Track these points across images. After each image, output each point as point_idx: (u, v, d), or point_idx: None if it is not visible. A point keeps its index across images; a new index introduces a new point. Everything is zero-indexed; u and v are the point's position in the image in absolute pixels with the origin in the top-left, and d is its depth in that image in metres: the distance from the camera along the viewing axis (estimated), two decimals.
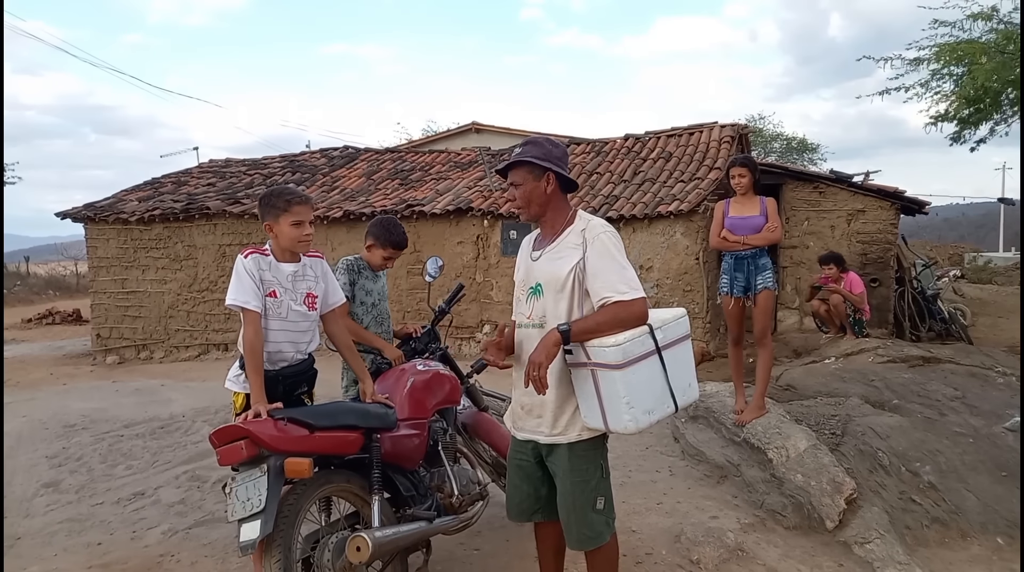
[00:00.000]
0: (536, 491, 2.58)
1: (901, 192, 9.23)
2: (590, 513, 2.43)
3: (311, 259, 3.05)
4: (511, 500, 2.65)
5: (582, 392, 2.39)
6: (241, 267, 2.84)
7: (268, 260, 2.90)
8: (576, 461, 2.42)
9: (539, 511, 2.61)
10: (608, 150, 11.03)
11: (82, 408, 7.14)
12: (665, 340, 2.41)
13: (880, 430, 4.57)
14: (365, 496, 2.86)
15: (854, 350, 6.99)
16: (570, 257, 2.40)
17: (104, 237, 10.96)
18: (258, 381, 2.74)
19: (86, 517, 4.21)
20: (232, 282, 2.85)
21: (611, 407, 2.31)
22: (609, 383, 2.30)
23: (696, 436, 5.10)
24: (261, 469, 2.53)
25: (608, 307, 2.32)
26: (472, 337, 9.61)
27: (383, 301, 3.83)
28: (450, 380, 3.50)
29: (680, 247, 8.51)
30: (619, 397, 2.29)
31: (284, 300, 2.90)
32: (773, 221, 4.68)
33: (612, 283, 2.33)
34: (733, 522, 3.85)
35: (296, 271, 2.96)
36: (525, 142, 2.49)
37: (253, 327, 2.79)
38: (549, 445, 2.47)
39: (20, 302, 21.16)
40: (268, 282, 2.88)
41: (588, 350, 2.32)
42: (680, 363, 2.48)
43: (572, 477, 2.41)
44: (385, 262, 3.74)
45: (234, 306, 2.83)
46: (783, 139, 26.80)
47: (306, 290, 2.98)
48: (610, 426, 2.33)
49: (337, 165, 12.37)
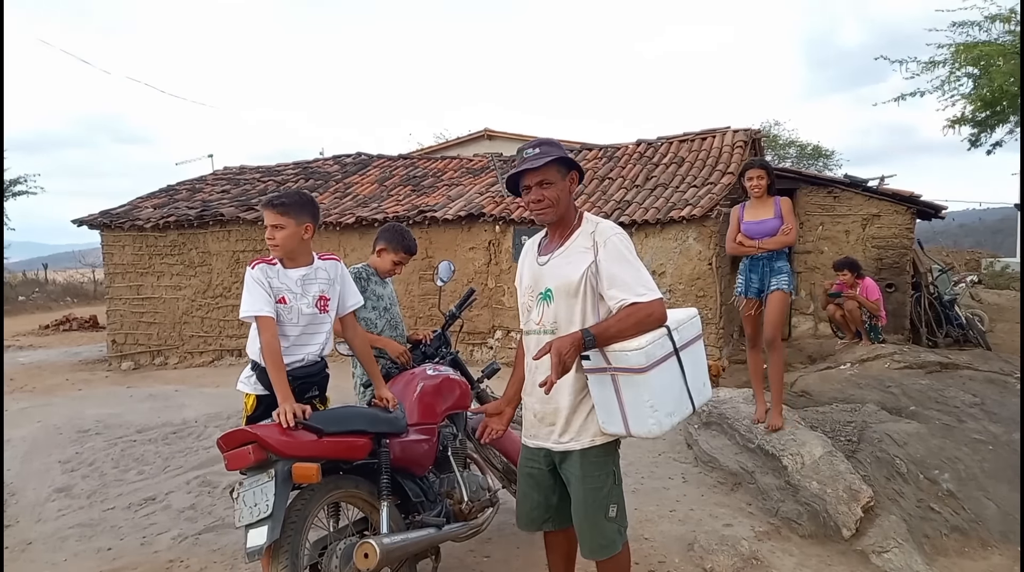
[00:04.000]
0: (547, 500, 2.55)
1: (917, 196, 9.12)
2: (603, 521, 2.40)
3: (325, 262, 3.06)
4: (521, 509, 2.63)
5: (601, 398, 2.36)
6: (250, 278, 2.90)
7: (275, 269, 2.94)
8: (589, 467, 2.39)
9: (549, 520, 2.58)
10: (620, 155, 10.99)
11: (96, 413, 7.17)
12: (682, 341, 2.40)
13: (897, 437, 4.50)
14: (374, 502, 2.84)
15: (870, 356, 6.91)
16: (581, 260, 2.37)
17: (120, 244, 11.05)
18: (284, 380, 2.75)
19: (97, 522, 4.22)
20: (244, 293, 2.91)
21: (634, 412, 2.29)
22: (632, 387, 2.27)
23: (709, 442, 5.04)
24: (269, 474, 2.51)
25: (627, 309, 2.28)
26: (484, 343, 9.59)
27: (394, 306, 3.85)
28: (460, 385, 3.48)
29: (693, 252, 8.45)
30: (643, 401, 2.27)
31: (295, 305, 2.92)
32: (788, 222, 4.63)
33: (629, 285, 2.30)
34: (747, 530, 3.79)
35: (306, 274, 2.97)
36: (539, 142, 2.45)
37: (270, 332, 2.81)
38: (562, 452, 2.45)
39: (39, 309, 21.35)
40: (277, 289, 2.91)
41: (608, 355, 2.29)
42: (695, 363, 2.47)
43: (585, 484, 2.38)
44: (394, 268, 3.77)
45: (247, 317, 2.87)
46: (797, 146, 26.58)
47: (318, 293, 2.98)
48: (632, 431, 2.31)
49: (350, 171, 12.42)
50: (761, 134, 11.09)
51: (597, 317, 2.37)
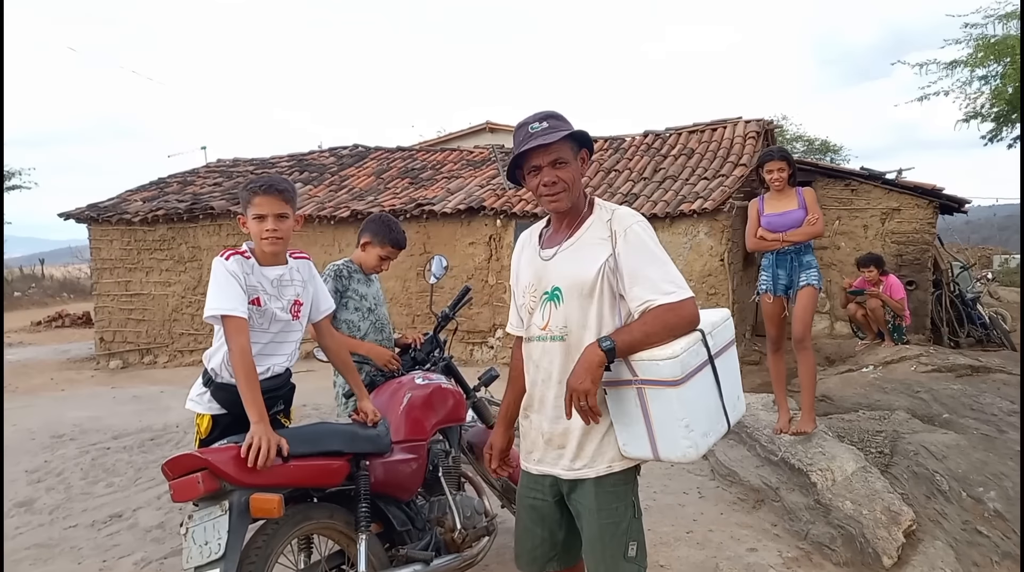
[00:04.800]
0: (552, 536, 2.15)
1: (940, 190, 8.70)
2: (621, 562, 2.01)
3: (296, 261, 2.64)
4: (522, 547, 2.22)
5: (623, 416, 1.96)
6: (223, 269, 2.42)
7: (251, 263, 2.49)
8: (605, 498, 2.01)
9: (555, 559, 2.19)
10: (627, 147, 10.59)
11: (75, 417, 6.81)
12: (716, 347, 1.99)
13: (935, 449, 4.09)
14: (351, 533, 2.45)
15: (894, 358, 6.51)
16: (596, 254, 1.98)
17: (107, 238, 10.69)
18: (259, 397, 2.32)
19: (56, 542, 3.83)
20: (212, 288, 2.42)
21: (664, 432, 1.89)
22: (663, 403, 1.88)
23: (727, 454, 4.65)
24: (222, 507, 2.12)
25: (654, 312, 1.91)
26: (484, 342, 9.20)
27: (380, 306, 3.45)
28: (454, 394, 3.09)
29: (704, 248, 8.05)
30: (676, 419, 1.87)
31: (269, 308, 2.50)
32: (813, 213, 4.24)
33: (655, 283, 1.93)
34: (774, 555, 3.40)
35: (282, 275, 2.55)
36: (545, 114, 2.04)
37: (245, 336, 2.37)
38: (572, 480, 2.05)
39: (34, 305, 21.05)
40: (252, 287, 2.46)
41: (634, 365, 1.90)
42: (729, 372, 2.07)
43: (600, 519, 2.01)
44: (381, 263, 3.37)
45: (217, 314, 2.39)
46: (805, 140, 26.12)
47: (293, 297, 2.58)
48: (662, 454, 1.91)
49: (346, 164, 12.02)
50: (774, 124, 10.66)
51: (617, 320, 1.98)
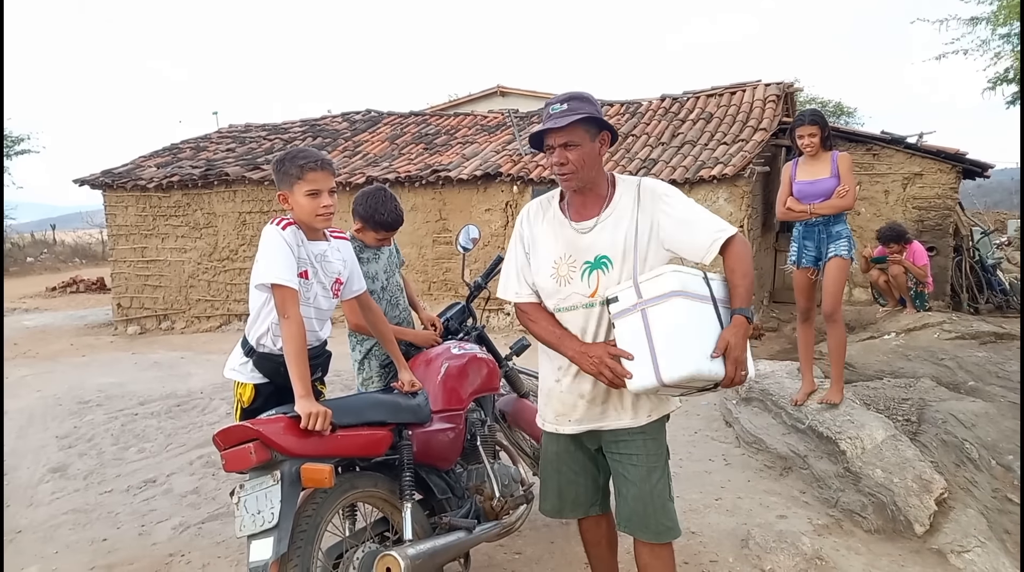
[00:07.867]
0: (595, 481, 2.37)
1: (963, 154, 8.56)
2: (668, 501, 2.24)
3: (338, 241, 2.62)
4: (565, 497, 2.38)
5: (628, 344, 2.05)
6: (280, 239, 2.35)
7: (302, 235, 2.44)
8: (651, 444, 2.23)
9: (597, 503, 2.41)
10: (644, 111, 10.44)
11: (99, 383, 6.88)
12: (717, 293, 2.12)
13: (963, 417, 4.07)
14: (395, 501, 2.47)
15: (916, 325, 6.46)
16: (638, 219, 2.16)
17: (123, 204, 10.67)
18: (306, 372, 2.29)
19: (93, 507, 3.90)
20: (267, 256, 2.34)
21: (666, 346, 1.96)
22: (664, 315, 1.98)
23: (752, 421, 4.66)
24: (274, 477, 2.13)
25: (729, 250, 2.12)
26: (501, 309, 9.20)
27: (392, 277, 3.22)
28: (488, 364, 3.09)
29: (724, 214, 7.96)
30: (678, 328, 1.97)
31: (314, 283, 2.48)
32: (846, 183, 4.15)
33: (710, 224, 2.15)
34: (804, 523, 3.43)
35: (325, 252, 2.53)
36: (568, 96, 2.16)
37: (297, 307, 2.33)
38: (614, 431, 2.22)
39: (47, 270, 21.15)
40: (301, 260, 2.42)
41: (640, 287, 2.05)
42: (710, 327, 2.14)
43: (649, 462, 2.22)
44: (380, 242, 3.12)
45: (269, 283, 2.30)
46: (818, 103, 25.70)
47: (335, 274, 2.56)
48: (663, 375, 1.96)
49: (359, 129, 11.92)
50: (794, 87, 10.46)
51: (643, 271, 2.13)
